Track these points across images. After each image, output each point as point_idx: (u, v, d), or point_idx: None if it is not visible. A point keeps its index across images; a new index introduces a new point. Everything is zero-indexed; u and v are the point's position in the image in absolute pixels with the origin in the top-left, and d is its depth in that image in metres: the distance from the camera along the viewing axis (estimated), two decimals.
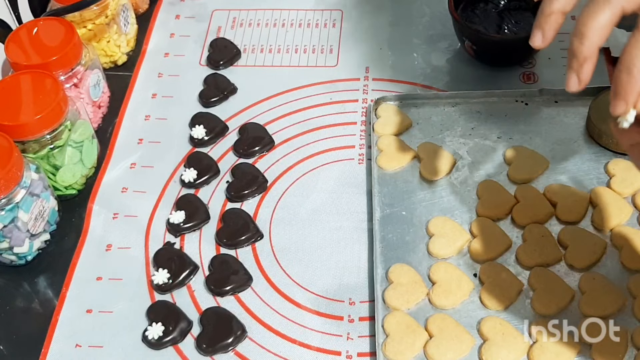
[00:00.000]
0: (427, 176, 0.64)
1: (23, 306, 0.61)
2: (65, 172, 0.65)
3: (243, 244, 0.62)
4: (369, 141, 0.68)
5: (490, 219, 0.61)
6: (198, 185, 0.67)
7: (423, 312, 0.56)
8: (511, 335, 0.54)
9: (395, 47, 0.77)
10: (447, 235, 0.60)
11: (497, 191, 0.62)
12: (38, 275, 0.62)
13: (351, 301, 0.58)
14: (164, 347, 0.57)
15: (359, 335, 0.56)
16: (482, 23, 0.71)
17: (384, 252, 0.60)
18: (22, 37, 0.67)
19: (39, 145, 0.62)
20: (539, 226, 0.60)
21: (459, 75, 0.73)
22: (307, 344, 0.56)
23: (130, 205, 0.66)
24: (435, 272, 0.58)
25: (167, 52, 0.79)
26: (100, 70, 0.71)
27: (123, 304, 0.59)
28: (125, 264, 0.62)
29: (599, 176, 0.63)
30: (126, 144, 0.71)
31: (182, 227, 0.63)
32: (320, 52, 0.77)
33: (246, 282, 0.60)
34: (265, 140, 0.69)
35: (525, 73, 0.72)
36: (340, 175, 0.66)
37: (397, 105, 0.69)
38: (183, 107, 0.73)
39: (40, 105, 0.61)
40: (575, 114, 0.68)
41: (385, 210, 0.63)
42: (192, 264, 0.61)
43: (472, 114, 0.69)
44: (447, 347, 0.54)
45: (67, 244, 0.64)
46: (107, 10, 0.73)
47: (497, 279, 0.57)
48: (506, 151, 0.65)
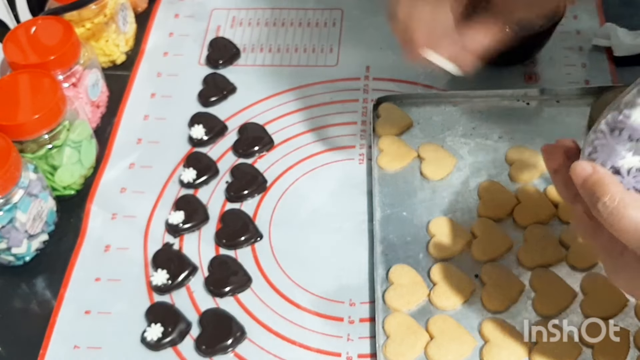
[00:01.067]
0: (428, 176, 0.64)
1: (21, 307, 0.60)
2: (63, 172, 0.64)
3: (242, 244, 0.62)
4: (369, 141, 0.68)
5: (492, 220, 0.61)
6: (197, 186, 0.66)
7: (424, 313, 0.56)
8: (512, 337, 0.54)
9: (396, 46, 0.75)
10: (448, 235, 0.60)
11: (499, 191, 0.62)
12: (36, 276, 0.62)
13: (351, 302, 0.58)
14: (163, 348, 0.56)
15: (359, 337, 0.56)
16: None
17: (384, 253, 0.60)
18: (20, 36, 0.67)
19: (37, 145, 0.62)
20: (541, 227, 0.60)
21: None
22: (307, 346, 0.56)
23: (129, 205, 0.66)
24: (436, 273, 0.58)
25: (166, 52, 0.79)
26: (98, 70, 0.71)
27: (122, 305, 0.59)
28: (124, 264, 0.62)
29: None
30: (125, 144, 0.70)
31: (181, 227, 0.63)
32: (320, 51, 0.77)
33: (246, 283, 0.59)
34: (264, 140, 0.69)
35: (527, 73, 0.72)
36: (341, 175, 0.66)
37: (398, 105, 0.69)
38: (182, 106, 0.73)
39: (38, 105, 0.61)
40: (577, 114, 0.67)
41: (386, 210, 0.62)
42: (191, 264, 0.61)
43: (474, 113, 0.68)
44: (448, 348, 0.54)
45: (65, 244, 0.63)
46: (105, 9, 0.73)
47: (499, 280, 0.57)
48: (508, 151, 0.65)
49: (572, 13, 0.77)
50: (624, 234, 0.40)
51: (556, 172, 0.46)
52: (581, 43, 0.74)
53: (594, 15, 0.76)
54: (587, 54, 0.73)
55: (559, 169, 0.46)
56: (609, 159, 0.42)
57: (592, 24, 0.76)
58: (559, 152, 0.46)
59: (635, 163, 0.41)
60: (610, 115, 0.43)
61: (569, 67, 0.72)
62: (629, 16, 0.75)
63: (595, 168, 0.42)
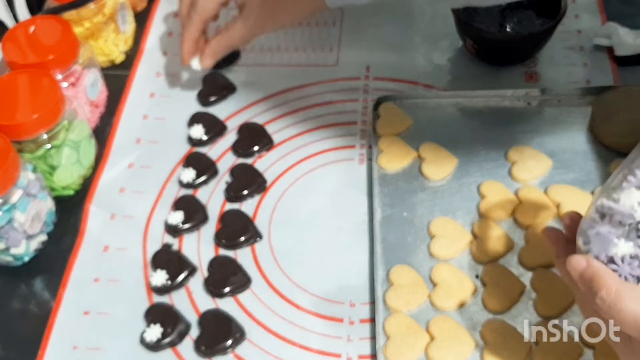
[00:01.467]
0: (429, 176, 0.64)
1: (20, 308, 0.60)
2: (62, 172, 0.64)
3: (242, 245, 0.62)
4: (369, 141, 0.67)
5: (493, 220, 0.60)
6: (197, 186, 0.66)
7: (424, 313, 0.56)
8: (513, 338, 0.54)
9: (396, 45, 0.76)
10: (449, 236, 0.60)
11: (500, 191, 0.62)
12: (35, 277, 0.62)
13: (351, 303, 0.58)
14: (162, 349, 0.56)
15: (359, 337, 0.56)
16: (484, 22, 0.71)
17: (384, 253, 0.59)
18: (19, 35, 0.67)
19: (36, 145, 0.62)
20: (542, 227, 0.59)
21: (461, 74, 0.73)
22: (307, 346, 0.56)
23: (128, 205, 0.65)
24: (437, 273, 0.58)
25: (165, 51, 0.78)
26: (97, 69, 0.71)
27: (121, 305, 0.59)
28: (123, 265, 0.62)
29: (603, 176, 0.62)
30: (124, 144, 0.70)
31: (181, 227, 0.63)
32: (320, 51, 0.77)
33: (245, 283, 0.59)
34: (264, 140, 0.69)
35: (528, 72, 0.72)
36: (341, 175, 0.66)
37: (398, 105, 0.69)
38: (181, 106, 0.73)
39: (37, 104, 0.61)
40: (578, 114, 0.67)
41: (386, 210, 0.62)
42: (190, 265, 0.61)
43: (474, 113, 0.68)
44: (448, 349, 0.53)
45: (64, 244, 0.63)
46: (104, 8, 0.72)
47: (500, 281, 0.57)
48: (508, 151, 0.65)
49: (574, 12, 0.76)
50: (624, 325, 0.41)
51: (559, 257, 0.47)
52: (582, 42, 0.74)
53: (595, 15, 0.76)
54: (588, 54, 0.73)
55: (560, 255, 0.47)
56: (603, 248, 0.42)
57: (593, 23, 0.75)
58: (559, 234, 0.48)
59: (628, 249, 0.42)
60: (600, 201, 0.43)
61: (570, 67, 0.72)
62: (630, 15, 0.74)
63: (590, 262, 0.42)
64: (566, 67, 0.72)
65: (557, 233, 0.48)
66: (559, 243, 0.47)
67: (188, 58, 0.69)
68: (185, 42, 0.68)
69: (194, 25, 0.67)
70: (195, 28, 0.67)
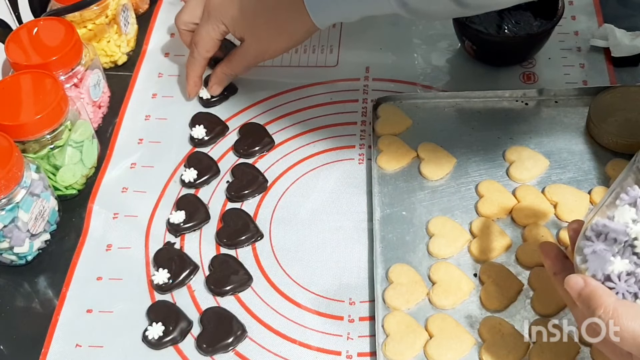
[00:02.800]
0: (428, 176, 0.64)
1: (23, 306, 0.61)
2: (65, 172, 0.65)
3: (243, 244, 0.62)
4: (369, 141, 0.68)
5: (491, 219, 0.61)
6: (198, 185, 0.67)
7: (423, 312, 0.57)
8: (511, 336, 0.54)
9: (396, 47, 0.77)
10: (447, 235, 0.60)
11: (497, 191, 0.62)
12: (38, 275, 0.62)
13: (351, 301, 0.58)
14: (164, 347, 0.57)
15: (359, 335, 0.56)
16: (482, 23, 0.71)
17: (384, 252, 0.60)
18: (23, 37, 0.67)
19: (39, 145, 0.62)
20: (539, 226, 0.60)
21: (459, 75, 0.73)
22: (307, 344, 0.56)
23: (130, 205, 0.66)
24: (436, 272, 0.58)
25: (167, 52, 0.79)
26: (100, 70, 0.71)
27: (123, 304, 0.59)
28: (125, 263, 0.62)
29: (599, 176, 0.63)
30: (126, 144, 0.71)
31: (182, 227, 0.63)
32: (320, 51, 0.77)
33: (246, 282, 0.60)
34: (265, 140, 0.69)
35: (525, 73, 0.72)
36: (341, 175, 0.66)
37: (398, 105, 0.69)
38: (183, 107, 0.73)
39: (40, 105, 0.61)
40: (575, 114, 0.68)
41: (386, 210, 0.63)
42: (192, 263, 0.61)
43: (472, 113, 0.69)
44: (447, 347, 0.54)
45: (67, 243, 0.64)
46: (107, 10, 0.73)
47: (497, 279, 0.57)
48: (506, 151, 0.65)
49: (571, 14, 0.77)
50: (623, 342, 0.42)
51: (556, 274, 0.48)
52: (579, 44, 0.74)
53: (592, 16, 0.77)
54: (585, 55, 0.73)
55: (558, 272, 0.47)
56: (599, 267, 0.43)
57: (590, 24, 0.76)
58: (555, 251, 0.48)
59: (624, 267, 0.42)
60: (595, 220, 0.44)
61: (567, 68, 0.72)
62: (627, 17, 0.75)
63: (587, 281, 0.43)
64: (563, 68, 0.72)
65: (553, 248, 0.49)
66: (556, 259, 0.48)
67: (194, 93, 0.73)
68: (191, 79, 0.72)
69: (197, 63, 0.71)
70: (198, 65, 0.71)
